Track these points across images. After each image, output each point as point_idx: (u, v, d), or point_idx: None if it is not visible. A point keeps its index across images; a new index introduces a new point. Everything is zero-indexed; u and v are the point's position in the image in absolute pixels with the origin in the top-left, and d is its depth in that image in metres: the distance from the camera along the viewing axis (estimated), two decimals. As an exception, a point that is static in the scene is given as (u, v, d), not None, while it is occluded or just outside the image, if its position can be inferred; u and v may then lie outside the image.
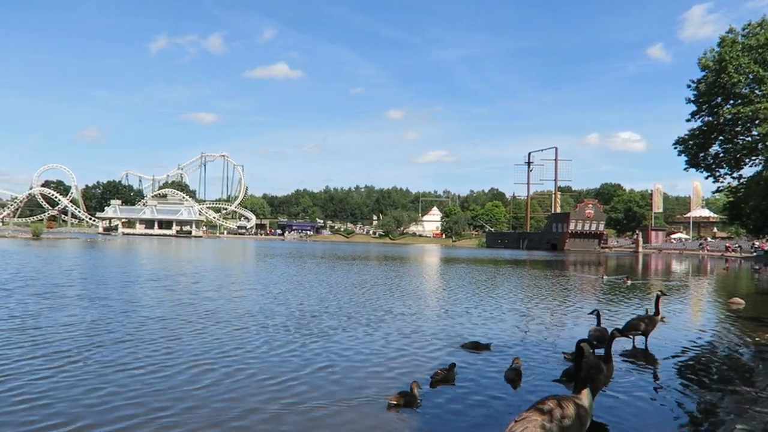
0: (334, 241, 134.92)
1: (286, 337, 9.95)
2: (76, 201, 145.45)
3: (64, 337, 9.13)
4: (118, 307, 12.71)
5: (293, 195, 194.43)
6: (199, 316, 11.94)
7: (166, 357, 8.06)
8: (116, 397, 6.20)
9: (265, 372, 7.49)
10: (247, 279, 22.30)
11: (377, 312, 13.52)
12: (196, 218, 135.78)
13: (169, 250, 49.61)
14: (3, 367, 7.22)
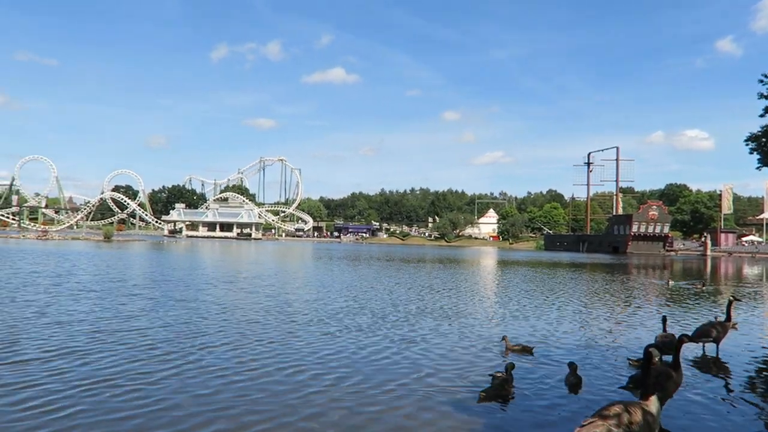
0: (390, 243, 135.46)
1: (368, 339, 10.31)
2: (143, 205, 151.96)
3: (168, 338, 9.65)
4: (205, 309, 13.35)
5: (349, 198, 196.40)
6: (283, 318, 12.38)
7: (270, 360, 8.36)
8: (242, 400, 6.46)
9: (360, 376, 7.75)
10: (317, 281, 22.65)
11: (439, 314, 13.63)
12: (256, 221, 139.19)
13: (234, 252, 51.22)
14: (125, 368, 7.67)
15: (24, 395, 6.26)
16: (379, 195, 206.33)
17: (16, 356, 7.98)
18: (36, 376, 6.99)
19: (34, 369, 7.34)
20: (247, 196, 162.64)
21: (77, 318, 11.35)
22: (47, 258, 30.53)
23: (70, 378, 6.99)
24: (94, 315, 11.82)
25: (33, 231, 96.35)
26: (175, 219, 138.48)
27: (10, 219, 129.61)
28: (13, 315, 11.38)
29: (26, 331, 9.81)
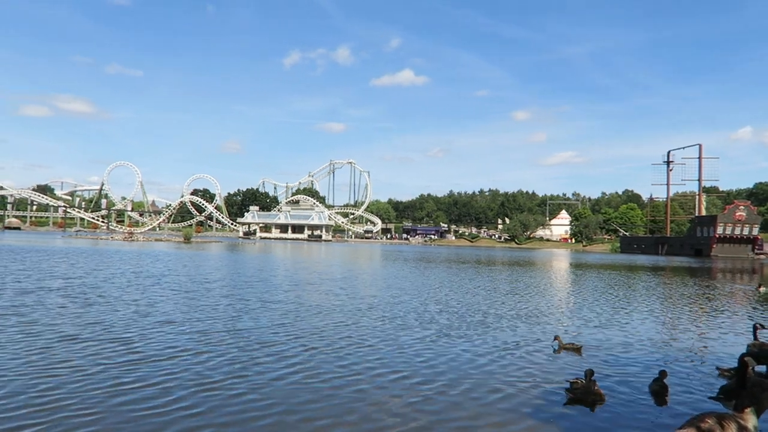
0: (459, 245, 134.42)
1: (461, 342, 10.51)
2: (219, 207, 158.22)
3: (271, 340, 10.18)
4: (296, 311, 13.95)
5: (417, 199, 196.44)
6: (374, 320, 12.82)
7: (376, 363, 8.64)
8: (361, 404, 6.76)
9: (465, 384, 8.00)
10: (397, 283, 22.88)
11: (513, 316, 13.65)
12: (326, 223, 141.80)
13: (308, 254, 52.38)
14: (236, 368, 8.21)
15: (144, 394, 6.74)
16: (448, 196, 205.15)
17: (132, 355, 8.64)
18: (153, 375, 7.52)
19: (150, 368, 7.91)
20: (318, 198, 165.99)
21: (180, 318, 12.16)
22: (140, 259, 32.58)
23: (186, 378, 7.48)
24: (195, 316, 12.60)
25: (120, 233, 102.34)
26: (249, 221, 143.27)
27: (100, 221, 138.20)
28: (122, 314, 12.31)
29: (137, 330, 10.59)
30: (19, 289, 15.71)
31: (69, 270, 22.91)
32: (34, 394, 6.46)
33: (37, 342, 9.09)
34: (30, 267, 23.49)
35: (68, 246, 48.16)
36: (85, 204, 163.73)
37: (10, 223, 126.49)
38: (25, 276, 19.59)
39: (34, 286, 16.80)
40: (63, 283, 17.93)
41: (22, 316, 11.43)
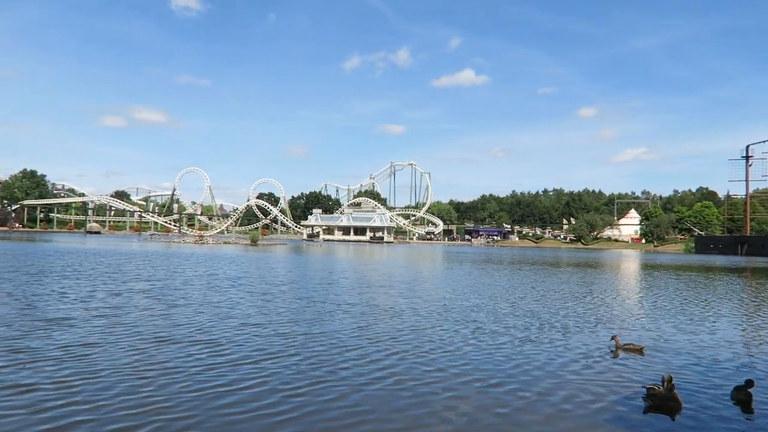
0: (523, 246, 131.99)
1: (540, 348, 10.40)
2: (284, 211, 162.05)
3: (362, 344, 10.42)
4: (373, 314, 14.15)
5: (479, 200, 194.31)
6: (454, 324, 12.82)
7: (466, 369, 8.66)
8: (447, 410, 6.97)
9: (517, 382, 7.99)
10: (467, 286, 22.71)
11: (586, 319, 13.29)
12: (388, 225, 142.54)
13: (372, 255, 52.82)
14: (328, 371, 8.46)
15: (238, 397, 6.99)
16: (510, 197, 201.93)
17: (221, 357, 8.97)
18: (245, 379, 7.79)
19: (241, 371, 8.21)
20: (379, 200, 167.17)
21: (261, 321, 12.52)
22: (214, 262, 33.71)
23: (277, 381, 7.70)
24: (275, 318, 12.94)
25: (191, 236, 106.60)
26: (312, 224, 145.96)
27: (172, 225, 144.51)
28: (206, 317, 12.82)
29: (222, 332, 11.02)
30: (109, 291, 16.69)
31: (151, 272, 24.17)
32: (135, 396, 6.76)
33: (132, 343, 9.56)
34: (115, 270, 24.97)
35: (144, 249, 50.70)
36: (158, 209, 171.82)
37: (92, 227, 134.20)
38: (111, 278, 20.87)
39: (123, 288, 17.77)
40: (147, 285, 18.91)
41: (115, 317, 12.07)
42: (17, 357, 8.31)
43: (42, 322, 11.19)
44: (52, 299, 14.55)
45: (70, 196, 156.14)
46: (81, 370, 7.72)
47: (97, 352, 8.80)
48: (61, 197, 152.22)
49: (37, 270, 22.98)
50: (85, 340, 9.67)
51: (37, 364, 8.00)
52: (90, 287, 17.61)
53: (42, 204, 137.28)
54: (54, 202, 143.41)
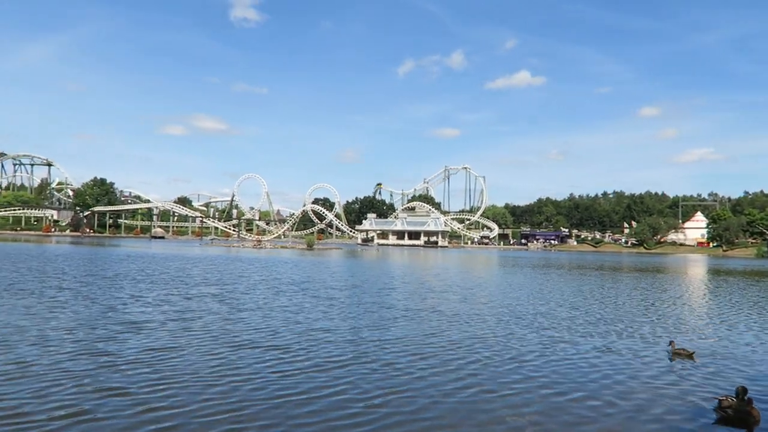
0: (582, 250, 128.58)
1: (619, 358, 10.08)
2: (339, 215, 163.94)
3: (436, 351, 10.42)
4: (446, 320, 14.04)
5: (535, 204, 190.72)
6: (525, 329, 12.62)
7: (552, 377, 8.59)
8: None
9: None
10: (532, 291, 22.26)
11: (657, 327, 12.72)
12: (442, 229, 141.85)
13: (428, 260, 52.49)
14: (418, 376, 8.52)
15: (321, 405, 7.06)
16: (568, 200, 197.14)
17: (298, 363, 9.10)
18: (328, 386, 7.87)
19: (320, 377, 8.29)
20: (433, 204, 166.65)
21: (331, 326, 12.61)
22: (276, 266, 34.27)
23: (358, 389, 7.75)
24: (344, 324, 13.01)
25: (249, 240, 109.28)
26: (367, 228, 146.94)
27: (231, 230, 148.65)
28: (277, 322, 13.02)
29: (294, 337, 11.17)
30: (181, 295, 17.25)
31: (218, 277, 24.81)
32: (217, 402, 6.89)
33: (210, 348, 9.79)
34: (184, 274, 25.88)
35: (206, 253, 52.33)
36: (218, 214, 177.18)
37: (156, 232, 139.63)
38: (182, 283, 21.64)
39: (194, 292, 18.32)
40: (216, 289, 19.40)
41: (191, 320, 12.44)
42: (102, 360, 8.72)
43: (122, 325, 11.68)
44: (129, 303, 15.22)
45: (137, 203, 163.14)
46: (164, 375, 7.96)
47: (178, 357, 9.06)
48: (128, 204, 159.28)
49: (113, 274, 24.12)
50: (164, 344, 9.99)
51: (122, 367, 8.30)
52: (163, 291, 18.32)
53: (111, 210, 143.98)
54: (121, 208, 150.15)
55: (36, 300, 15.07)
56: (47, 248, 51.38)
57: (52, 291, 17.26)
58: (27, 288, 17.75)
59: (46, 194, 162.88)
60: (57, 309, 13.62)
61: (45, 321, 11.85)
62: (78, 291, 17.49)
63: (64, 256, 37.44)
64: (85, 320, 12.12)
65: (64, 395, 6.91)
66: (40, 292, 16.73)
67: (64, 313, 13.07)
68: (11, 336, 10.14)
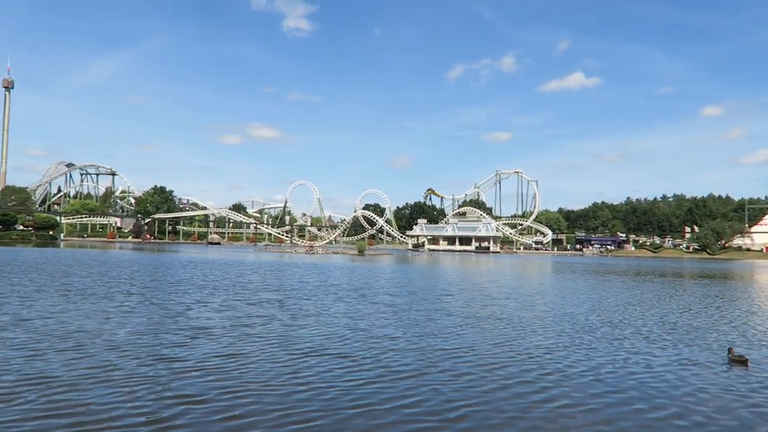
0: (640, 256, 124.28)
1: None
2: (389, 221, 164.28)
3: (507, 361, 10.22)
4: (513, 329, 13.69)
5: (591, 208, 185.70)
6: (599, 340, 12.22)
7: (637, 391, 8.32)
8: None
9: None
10: (592, 299, 21.56)
11: (726, 335, 12.26)
12: (494, 234, 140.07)
13: (480, 266, 51.47)
14: (500, 385, 8.38)
15: (392, 418, 6.96)
16: (625, 204, 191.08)
17: (365, 373, 9.02)
18: (398, 396, 7.77)
19: (393, 389, 8.19)
20: (484, 209, 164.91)
21: (397, 333, 12.46)
22: (331, 272, 34.55)
23: (435, 402, 7.61)
24: (410, 331, 12.84)
25: (302, 246, 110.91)
26: (417, 234, 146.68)
27: (284, 236, 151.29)
28: (341, 329, 12.98)
29: (359, 345, 11.09)
30: (244, 301, 17.49)
31: (278, 282, 25.10)
32: (294, 411, 6.90)
33: (277, 355, 9.84)
34: (245, 279, 26.34)
35: (260, 259, 53.29)
36: (271, 220, 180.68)
37: (212, 238, 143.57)
38: (244, 288, 21.96)
39: (256, 298, 18.55)
40: (279, 295, 19.57)
41: (260, 326, 12.55)
42: (175, 366, 8.86)
43: (191, 330, 11.93)
44: (195, 308, 15.58)
45: (194, 210, 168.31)
46: (238, 383, 8.02)
47: (248, 363, 9.12)
48: (186, 211, 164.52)
49: (177, 280, 24.84)
50: (234, 350, 10.09)
51: (195, 373, 8.40)
52: (227, 297, 18.68)
53: (170, 217, 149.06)
54: (180, 215, 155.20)
55: (109, 305, 15.63)
56: (113, 254, 53.55)
57: (123, 296, 17.89)
58: (99, 293, 18.48)
59: (110, 202, 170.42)
60: (128, 314, 14.07)
61: (119, 326, 12.24)
62: (146, 296, 18.06)
63: (130, 262, 38.91)
64: (155, 325, 12.45)
65: (143, 402, 7.04)
66: (112, 297, 17.37)
67: (136, 317, 13.48)
68: (89, 340, 10.51)
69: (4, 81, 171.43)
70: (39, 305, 15.17)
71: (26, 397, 7.06)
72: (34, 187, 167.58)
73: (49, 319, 12.94)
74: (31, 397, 7.05)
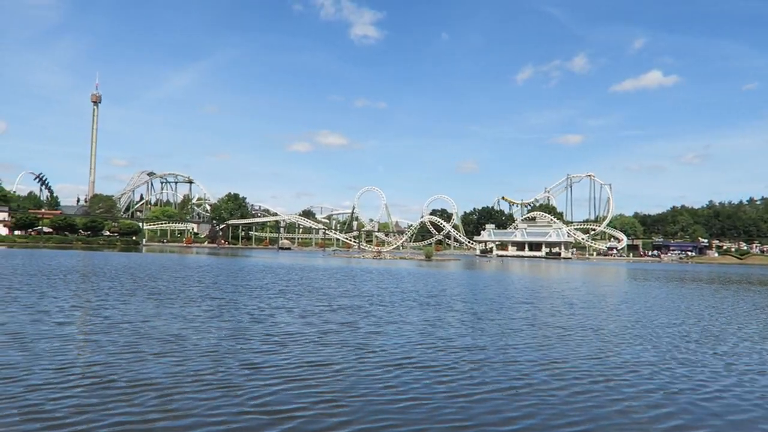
0: (724, 263, 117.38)
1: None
2: (456, 226, 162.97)
3: (601, 378, 9.85)
4: (597, 341, 13.16)
5: (669, 212, 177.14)
6: (709, 356, 11.56)
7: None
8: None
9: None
10: (684, 310, 20.28)
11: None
12: (565, 240, 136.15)
13: (551, 272, 49.99)
14: (614, 409, 8.08)
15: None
16: (707, 208, 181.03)
17: (464, 390, 8.79)
18: (512, 419, 7.55)
19: (504, 403, 7.98)
20: (555, 214, 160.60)
21: (486, 343, 12.14)
22: (405, 277, 34.39)
23: (540, 418, 7.36)
24: (499, 343, 12.42)
25: (369, 251, 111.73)
26: (485, 239, 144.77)
27: (352, 241, 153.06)
28: (428, 338, 12.75)
29: (452, 358, 10.84)
30: (326, 307, 17.65)
31: (354, 288, 25.18)
32: (409, 426, 6.78)
33: (372, 366, 9.71)
34: (322, 284, 26.70)
35: (330, 264, 53.97)
36: (339, 226, 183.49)
37: (283, 244, 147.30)
38: (323, 294, 22.14)
39: (336, 304, 18.69)
40: (358, 301, 19.65)
41: (342, 333, 12.56)
42: (265, 371, 8.97)
43: (277, 336, 12.05)
44: (278, 315, 15.86)
45: (265, 216, 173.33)
46: (336, 396, 7.96)
47: (343, 372, 9.10)
48: (258, 217, 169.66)
49: (257, 285, 25.49)
50: (320, 358, 10.09)
51: (290, 384, 8.39)
52: (307, 302, 18.87)
53: (243, 223, 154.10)
54: (252, 221, 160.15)
55: (197, 309, 16.19)
56: (192, 259, 55.82)
57: (210, 300, 18.50)
58: (186, 297, 19.20)
59: (187, 209, 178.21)
60: (215, 318, 14.48)
61: (208, 331, 12.59)
62: (231, 301, 18.59)
63: (210, 267, 40.42)
64: (241, 331, 12.70)
65: (239, 409, 7.13)
66: (199, 301, 18.00)
67: (223, 322, 13.84)
68: (181, 344, 10.89)
69: (93, 96, 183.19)
70: (133, 308, 15.91)
71: (135, 401, 7.31)
72: (119, 195, 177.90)
73: (146, 322, 13.52)
74: (139, 400, 7.30)
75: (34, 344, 10.44)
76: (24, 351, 9.84)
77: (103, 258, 50.38)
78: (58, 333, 11.70)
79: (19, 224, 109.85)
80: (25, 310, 14.94)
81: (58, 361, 9.16)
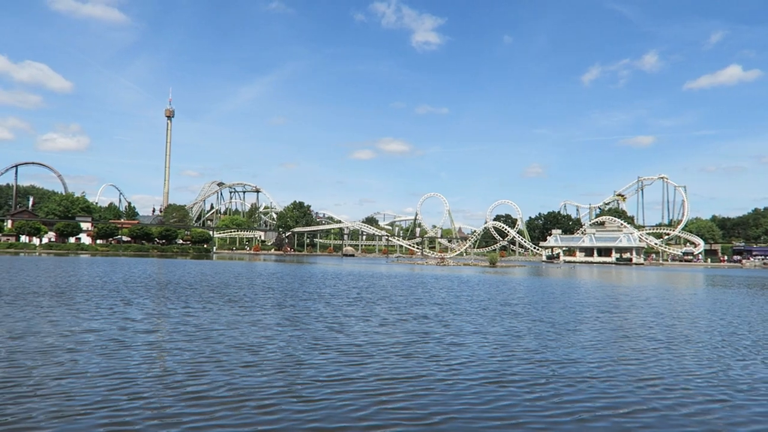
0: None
1: None
2: (521, 232, 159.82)
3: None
4: (692, 355, 12.29)
5: (751, 215, 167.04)
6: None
7: None
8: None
9: None
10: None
11: None
12: (636, 245, 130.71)
13: (622, 279, 46.92)
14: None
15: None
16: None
17: (560, 410, 8.33)
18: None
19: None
20: (625, 218, 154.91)
21: (580, 356, 11.52)
22: (471, 284, 33.47)
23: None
24: (586, 356, 11.82)
25: (432, 258, 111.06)
26: (552, 245, 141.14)
27: (415, 248, 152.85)
28: (503, 350, 12.29)
29: (522, 368, 10.32)
30: (402, 316, 17.37)
31: (425, 296, 24.86)
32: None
33: (462, 379, 9.40)
34: (394, 292, 26.56)
35: (393, 271, 53.74)
36: (402, 232, 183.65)
37: (347, 250, 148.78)
38: (394, 302, 21.99)
39: (412, 313, 18.35)
40: (431, 309, 19.26)
41: (429, 343, 12.21)
42: (357, 387, 8.71)
43: (360, 346, 11.85)
44: (356, 324, 15.69)
45: (329, 223, 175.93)
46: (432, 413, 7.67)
47: (433, 383, 8.78)
48: (322, 224, 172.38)
49: (329, 293, 25.57)
50: (412, 373, 9.79)
51: (373, 398, 8.16)
52: (381, 310, 18.68)
53: (308, 231, 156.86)
54: (317, 228, 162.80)
55: (275, 317, 16.29)
56: (261, 266, 57.09)
57: (288, 309, 18.63)
58: (264, 304, 19.45)
59: (255, 217, 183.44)
60: (290, 326, 14.49)
61: (289, 340, 12.58)
62: (305, 309, 18.63)
63: (281, 274, 41.12)
64: (326, 341, 12.60)
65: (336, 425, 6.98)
66: (276, 309, 18.15)
67: (300, 331, 13.80)
68: (260, 354, 10.86)
69: (167, 111, 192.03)
70: (214, 316, 16.19)
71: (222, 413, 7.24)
72: (191, 205, 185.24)
73: (231, 330, 13.67)
74: (225, 413, 7.21)
75: (125, 351, 10.69)
76: (115, 359, 10.06)
77: (181, 266, 52.27)
78: (147, 340, 11.95)
79: (100, 233, 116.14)
80: (111, 316, 15.46)
81: (156, 368, 9.27)
